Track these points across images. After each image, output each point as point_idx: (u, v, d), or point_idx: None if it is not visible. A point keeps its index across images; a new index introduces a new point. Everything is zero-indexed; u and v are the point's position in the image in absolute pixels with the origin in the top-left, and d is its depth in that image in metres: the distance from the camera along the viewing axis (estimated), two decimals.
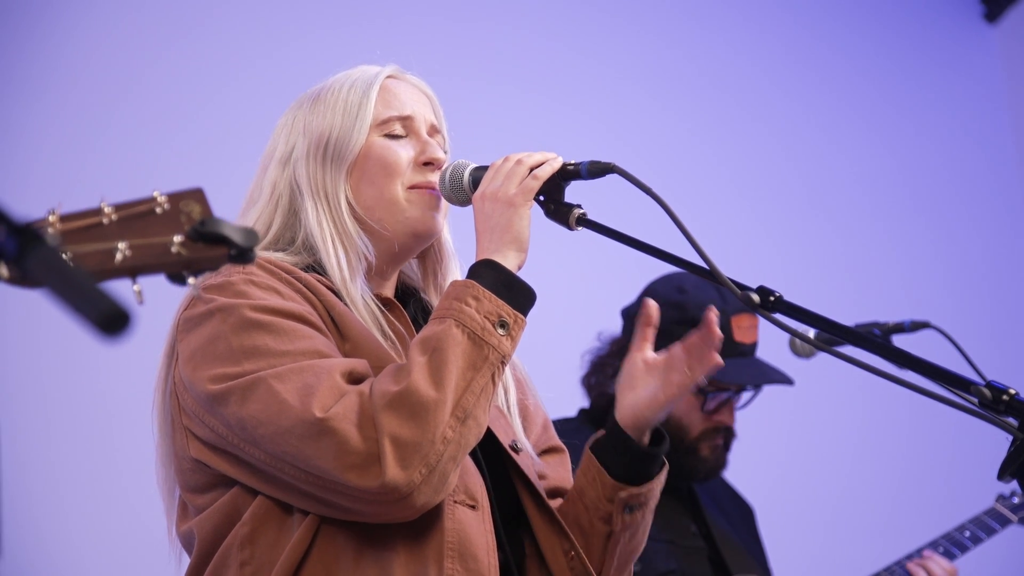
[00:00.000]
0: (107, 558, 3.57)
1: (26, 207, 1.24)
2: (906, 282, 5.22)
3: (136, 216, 1.27)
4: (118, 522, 3.57)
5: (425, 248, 2.17)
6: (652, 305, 2.07)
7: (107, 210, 1.27)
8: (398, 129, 2.10)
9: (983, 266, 5.41)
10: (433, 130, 2.14)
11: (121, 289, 1.19)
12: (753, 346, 3.36)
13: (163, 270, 1.27)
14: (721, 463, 3.41)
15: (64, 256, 1.22)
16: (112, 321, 1.10)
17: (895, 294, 5.14)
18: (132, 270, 1.25)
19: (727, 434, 3.41)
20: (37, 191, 3.63)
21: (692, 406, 3.29)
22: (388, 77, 2.13)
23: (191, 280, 1.28)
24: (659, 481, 2.10)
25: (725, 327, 3.31)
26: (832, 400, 4.86)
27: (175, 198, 1.29)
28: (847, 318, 3.25)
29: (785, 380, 3.37)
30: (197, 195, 1.30)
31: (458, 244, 2.21)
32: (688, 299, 3.33)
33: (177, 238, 1.27)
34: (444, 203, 2.11)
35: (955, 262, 5.37)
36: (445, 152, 2.14)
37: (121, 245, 1.25)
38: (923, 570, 3.35)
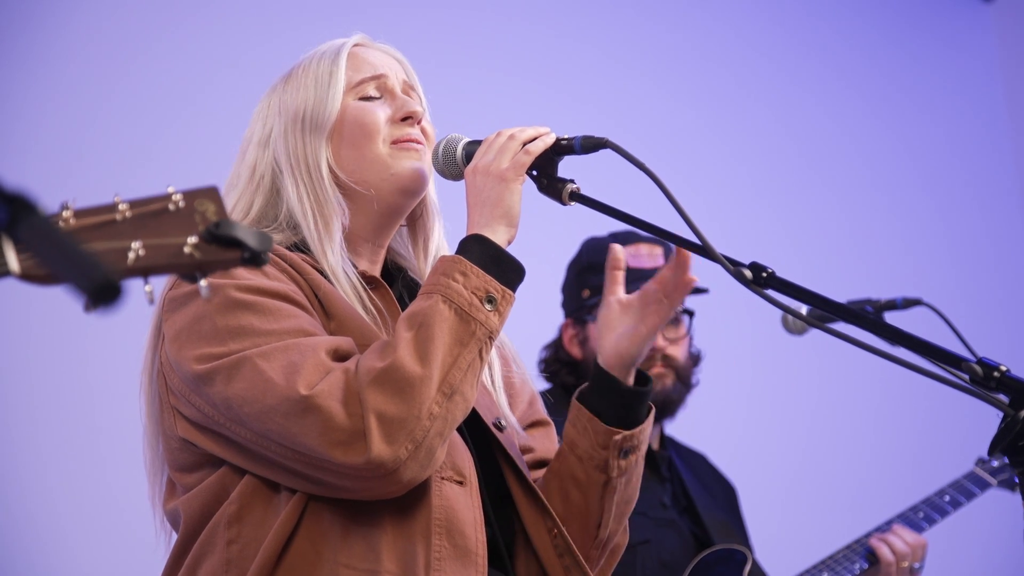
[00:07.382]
0: (92, 540, 3.56)
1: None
2: (906, 258, 5.23)
3: (150, 214, 1.25)
4: (103, 505, 3.57)
5: (414, 214, 2.16)
6: (618, 248, 2.11)
7: (122, 207, 1.25)
8: (372, 91, 2.10)
9: (983, 241, 5.42)
10: (408, 87, 2.14)
11: (132, 289, 1.17)
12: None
13: (175, 271, 1.25)
14: (670, 396, 3.37)
15: (56, 225, 1.21)
16: (103, 291, 1.10)
17: (895, 270, 5.14)
18: (145, 270, 1.23)
19: (667, 362, 3.37)
20: (31, 181, 3.60)
21: None
22: (356, 45, 2.13)
23: (203, 282, 1.27)
24: (649, 423, 2.12)
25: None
26: (816, 379, 4.86)
27: (190, 196, 1.27)
28: (846, 294, 3.25)
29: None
30: (211, 194, 1.28)
31: (451, 222, 2.20)
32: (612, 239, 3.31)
33: (191, 239, 1.25)
34: (428, 157, 2.10)
35: (955, 236, 5.38)
36: (423, 109, 2.13)
37: (135, 245, 1.23)
38: (886, 544, 3.33)
